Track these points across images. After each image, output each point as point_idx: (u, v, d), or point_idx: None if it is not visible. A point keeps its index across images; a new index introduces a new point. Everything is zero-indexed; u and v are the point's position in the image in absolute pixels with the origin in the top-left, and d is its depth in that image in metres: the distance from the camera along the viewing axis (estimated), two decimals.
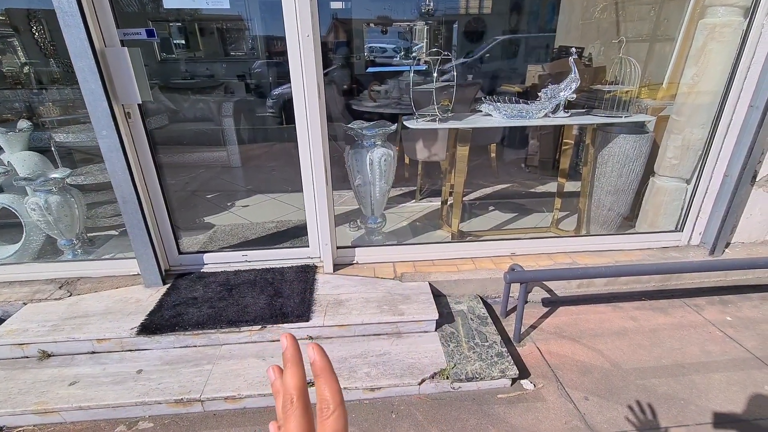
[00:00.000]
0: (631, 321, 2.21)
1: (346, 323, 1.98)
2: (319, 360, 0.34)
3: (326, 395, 0.33)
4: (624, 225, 2.81)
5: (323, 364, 0.34)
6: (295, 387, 0.34)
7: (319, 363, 0.34)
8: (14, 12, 4.24)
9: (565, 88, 2.34)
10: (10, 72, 4.19)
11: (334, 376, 0.34)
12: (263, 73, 5.94)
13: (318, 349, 0.35)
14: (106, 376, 1.80)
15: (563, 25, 4.73)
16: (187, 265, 2.39)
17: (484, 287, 2.35)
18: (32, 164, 2.67)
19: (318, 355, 0.35)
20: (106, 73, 1.86)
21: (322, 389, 0.33)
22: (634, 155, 2.52)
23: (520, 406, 1.71)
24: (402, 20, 6.69)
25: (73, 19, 1.72)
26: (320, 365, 0.34)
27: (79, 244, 2.53)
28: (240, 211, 3.42)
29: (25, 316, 2.06)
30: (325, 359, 0.35)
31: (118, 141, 1.93)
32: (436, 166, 3.69)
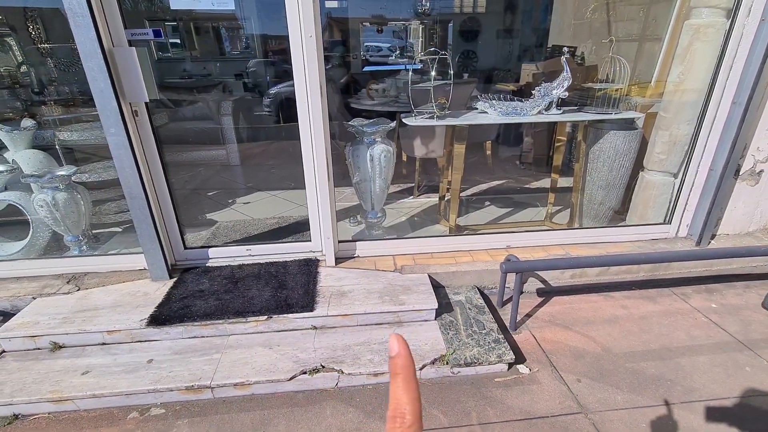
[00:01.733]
0: (621, 309, 2.31)
1: (349, 313, 2.06)
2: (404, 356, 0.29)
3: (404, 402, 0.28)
4: (615, 218, 2.91)
5: (406, 362, 0.29)
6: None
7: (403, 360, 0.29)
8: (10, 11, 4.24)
9: (558, 86, 2.43)
10: (7, 71, 4.21)
11: (415, 380, 0.29)
12: (259, 72, 5.99)
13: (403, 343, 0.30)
14: (117, 366, 1.87)
15: (556, 25, 4.83)
16: (192, 260, 2.46)
17: (481, 278, 2.44)
18: (37, 162, 2.71)
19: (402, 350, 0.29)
20: (114, 72, 1.92)
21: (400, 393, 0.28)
22: (624, 151, 2.62)
23: (517, 388, 1.80)
24: (397, 19, 6.76)
25: (84, 19, 1.77)
26: (403, 362, 0.29)
27: (85, 241, 2.58)
28: (241, 207, 3.48)
29: (35, 309, 2.11)
30: (410, 357, 0.29)
31: (126, 138, 1.99)
32: (433, 162, 3.77)
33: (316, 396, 1.79)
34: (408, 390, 0.28)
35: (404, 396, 0.28)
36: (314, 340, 2.00)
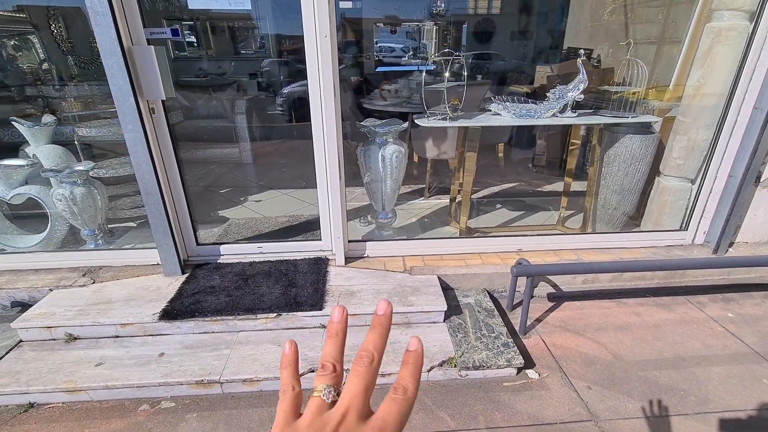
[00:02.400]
0: (634, 316, 2.27)
1: (358, 312, 2.06)
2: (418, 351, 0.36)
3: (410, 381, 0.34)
4: (629, 224, 2.86)
5: (419, 357, 0.36)
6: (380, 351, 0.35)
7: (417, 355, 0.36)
8: (33, 9, 4.35)
9: (573, 89, 2.40)
10: (30, 68, 4.32)
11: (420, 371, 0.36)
12: (273, 72, 6.04)
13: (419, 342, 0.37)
14: (129, 359, 1.90)
15: (572, 27, 4.77)
16: (204, 256, 2.49)
17: (491, 281, 2.42)
18: (56, 157, 2.78)
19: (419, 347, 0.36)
20: (132, 70, 1.95)
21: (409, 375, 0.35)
22: (640, 155, 2.58)
23: (525, 393, 1.78)
24: (411, 20, 6.75)
25: (104, 18, 1.81)
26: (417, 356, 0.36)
27: (100, 235, 2.63)
28: (253, 205, 3.51)
29: (51, 301, 2.16)
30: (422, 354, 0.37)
31: (143, 135, 2.02)
32: (444, 164, 3.76)
33: None
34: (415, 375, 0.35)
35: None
36: (323, 338, 2.00)
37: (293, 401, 0.35)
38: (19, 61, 4.28)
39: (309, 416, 0.33)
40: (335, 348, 0.37)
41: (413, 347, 0.36)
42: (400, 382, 0.34)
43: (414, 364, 0.35)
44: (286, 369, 0.38)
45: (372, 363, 0.35)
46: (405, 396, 0.33)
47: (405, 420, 0.33)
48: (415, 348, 0.36)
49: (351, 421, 0.32)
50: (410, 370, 0.35)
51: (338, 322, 0.38)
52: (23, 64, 4.29)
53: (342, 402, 0.34)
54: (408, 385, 0.34)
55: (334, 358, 0.37)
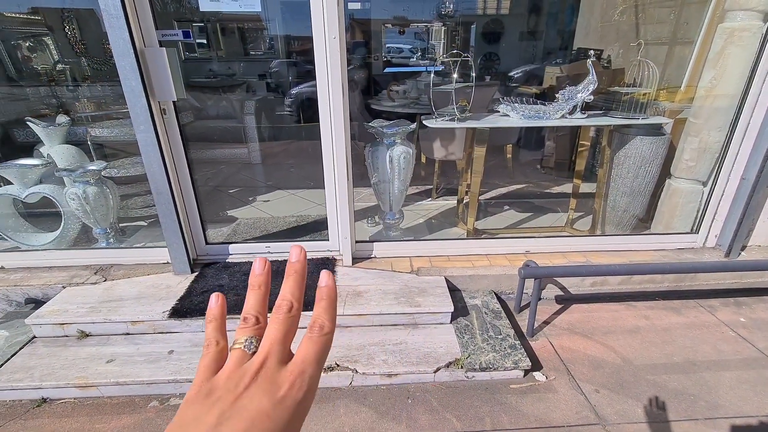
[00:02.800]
0: (644, 319, 2.25)
1: (364, 313, 2.07)
2: (330, 287, 0.36)
3: (325, 318, 0.34)
4: (639, 226, 2.83)
5: (332, 292, 0.36)
6: (298, 298, 0.35)
7: (329, 290, 0.36)
8: (48, 11, 4.44)
9: (583, 90, 2.39)
10: (44, 69, 4.41)
11: (336, 305, 0.36)
12: (282, 73, 6.08)
13: (331, 277, 0.36)
14: (140, 356, 1.93)
15: (582, 27, 4.74)
16: (213, 255, 2.51)
17: (499, 283, 2.41)
18: (69, 157, 2.83)
19: (330, 281, 0.36)
20: (145, 71, 1.98)
21: (323, 311, 0.35)
22: (650, 157, 2.55)
23: (532, 396, 1.77)
24: (419, 21, 6.75)
25: (118, 21, 1.84)
26: (329, 292, 0.36)
27: (112, 233, 2.67)
28: (261, 205, 3.54)
29: (64, 298, 2.20)
30: (334, 288, 0.36)
31: (155, 136, 2.05)
32: (452, 165, 3.75)
33: (330, 394, 1.80)
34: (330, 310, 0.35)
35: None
36: None
37: (216, 356, 0.34)
38: (33, 62, 4.37)
39: (229, 368, 0.33)
40: (257, 300, 0.36)
41: (324, 282, 0.36)
42: (316, 320, 0.34)
43: (327, 300, 0.35)
44: (210, 323, 0.37)
45: (291, 310, 0.35)
46: (321, 333, 0.34)
47: (324, 357, 0.34)
48: (326, 283, 0.36)
49: (271, 366, 0.32)
50: (324, 306, 0.35)
51: (260, 275, 0.37)
52: (38, 65, 4.38)
53: (261, 349, 0.33)
54: (324, 321, 0.34)
55: (257, 311, 0.36)
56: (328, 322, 0.34)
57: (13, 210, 2.67)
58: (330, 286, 0.36)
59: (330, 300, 0.35)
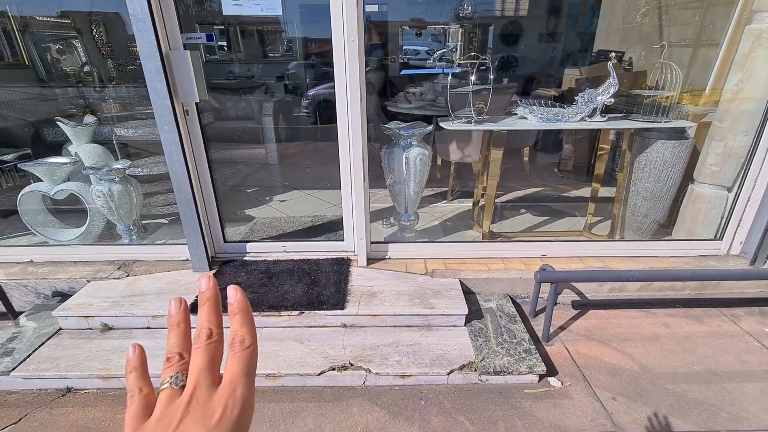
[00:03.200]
0: (663, 327, 2.20)
1: (378, 313, 2.08)
2: (240, 300, 0.35)
3: (243, 331, 0.34)
4: (660, 232, 2.77)
5: (243, 305, 0.35)
6: (216, 324, 0.35)
7: (239, 303, 0.35)
8: (77, 15, 4.60)
9: (603, 93, 2.35)
10: (73, 71, 4.58)
11: (251, 317, 0.35)
12: (299, 74, 6.16)
13: (239, 290, 0.36)
14: (160, 349, 1.96)
15: (603, 29, 4.66)
16: (231, 253, 2.57)
17: (514, 287, 2.39)
18: (96, 155, 2.93)
19: (239, 295, 0.36)
20: (169, 73, 2.04)
21: (239, 326, 0.34)
22: (672, 161, 2.49)
23: (547, 401, 1.75)
24: (436, 23, 6.74)
25: (145, 24, 1.91)
26: (240, 305, 0.35)
27: (135, 230, 2.76)
28: (278, 205, 3.59)
29: (89, 292, 2.28)
30: (244, 300, 0.36)
31: (177, 136, 2.11)
32: (467, 167, 3.74)
33: (343, 393, 1.82)
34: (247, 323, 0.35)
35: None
36: (343, 337, 2.03)
37: (142, 403, 0.33)
38: (62, 64, 4.54)
39: (159, 410, 0.32)
40: (178, 338, 0.36)
41: (232, 298, 0.36)
42: (235, 336, 0.34)
43: (241, 313, 0.35)
44: (131, 374, 0.36)
45: (211, 336, 0.34)
46: (243, 347, 0.33)
47: (252, 370, 0.33)
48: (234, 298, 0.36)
49: (201, 395, 0.32)
50: (239, 321, 0.35)
51: (177, 314, 0.37)
52: (66, 66, 4.55)
53: (189, 381, 0.33)
54: (243, 335, 0.34)
55: (180, 348, 0.36)
56: (248, 335, 0.34)
57: (43, 206, 2.78)
58: (239, 299, 0.36)
59: (243, 312, 0.35)
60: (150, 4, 1.88)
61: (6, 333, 2.12)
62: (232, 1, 2.02)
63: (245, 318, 0.35)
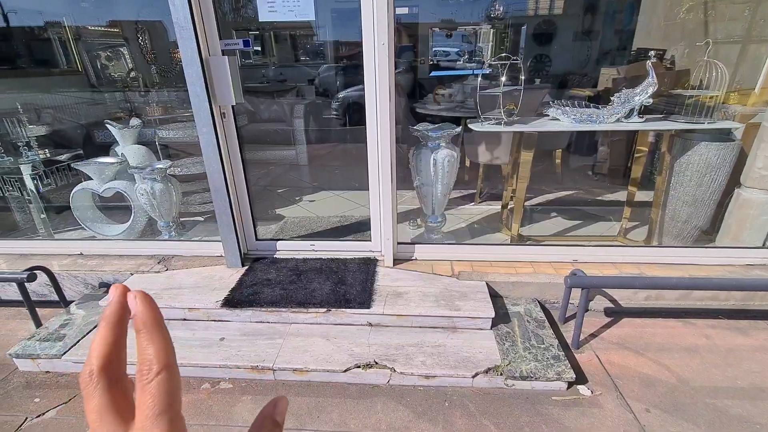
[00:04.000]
0: (704, 339, 2.09)
1: (404, 313, 2.09)
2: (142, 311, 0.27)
3: (149, 354, 0.26)
4: (701, 239, 2.63)
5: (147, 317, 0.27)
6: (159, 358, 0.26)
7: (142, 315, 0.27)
8: (126, 24, 4.90)
9: (641, 93, 2.27)
10: (119, 76, 4.87)
11: (161, 331, 0.27)
12: (329, 77, 6.27)
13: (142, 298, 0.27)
14: (195, 340, 2.08)
15: (643, 27, 4.48)
16: (262, 251, 2.65)
17: (543, 291, 2.34)
18: (140, 156, 3.11)
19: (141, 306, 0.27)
20: (208, 78, 2.15)
21: (144, 347, 0.26)
22: (717, 164, 2.37)
23: (576, 410, 1.71)
24: (467, 23, 6.68)
25: (187, 32, 2.02)
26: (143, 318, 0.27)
27: (174, 227, 2.90)
28: (307, 205, 3.68)
29: (132, 284, 2.42)
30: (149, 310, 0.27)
31: (215, 137, 2.21)
32: (496, 169, 3.69)
33: (368, 390, 1.84)
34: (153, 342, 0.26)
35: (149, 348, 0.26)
36: (369, 336, 2.06)
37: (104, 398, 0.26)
38: (111, 71, 4.85)
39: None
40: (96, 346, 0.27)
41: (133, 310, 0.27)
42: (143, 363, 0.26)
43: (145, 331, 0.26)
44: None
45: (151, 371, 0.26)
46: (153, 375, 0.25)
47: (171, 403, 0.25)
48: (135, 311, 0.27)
49: None
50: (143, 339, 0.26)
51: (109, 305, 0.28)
52: (114, 72, 4.86)
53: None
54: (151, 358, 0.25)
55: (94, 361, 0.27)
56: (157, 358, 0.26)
57: (92, 203, 2.98)
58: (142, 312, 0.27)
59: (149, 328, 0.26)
60: (192, 13, 1.98)
61: (59, 320, 2.29)
62: (268, 8, 2.10)
63: (153, 335, 0.26)
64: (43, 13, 4.32)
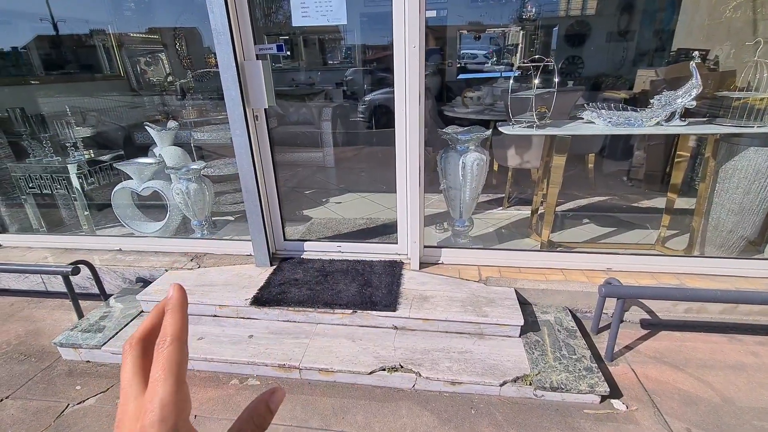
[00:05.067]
0: (751, 356, 1.96)
1: (430, 318, 2.07)
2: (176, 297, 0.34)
3: (166, 328, 0.32)
4: (748, 249, 2.47)
5: (176, 301, 0.34)
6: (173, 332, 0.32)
7: (174, 299, 0.34)
8: (164, 30, 5.12)
9: (684, 95, 2.17)
10: (158, 81, 5.09)
11: (182, 313, 0.33)
12: (357, 80, 6.32)
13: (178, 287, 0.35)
14: (225, 336, 2.13)
15: (684, 26, 4.28)
16: (290, 251, 2.70)
17: (574, 300, 2.26)
18: (176, 157, 3.23)
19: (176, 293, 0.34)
20: (243, 82, 2.21)
21: (166, 324, 0.33)
22: (766, 171, 2.22)
23: (609, 425, 1.64)
24: (496, 26, 6.60)
25: (224, 37, 2.08)
26: (174, 301, 0.34)
27: (206, 225, 3.00)
28: (333, 207, 3.72)
29: (167, 280, 2.52)
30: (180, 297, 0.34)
31: (248, 139, 2.27)
32: (525, 173, 3.61)
33: (392, 394, 1.83)
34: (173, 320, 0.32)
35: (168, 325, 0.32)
36: (394, 339, 2.05)
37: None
38: (150, 75, 5.08)
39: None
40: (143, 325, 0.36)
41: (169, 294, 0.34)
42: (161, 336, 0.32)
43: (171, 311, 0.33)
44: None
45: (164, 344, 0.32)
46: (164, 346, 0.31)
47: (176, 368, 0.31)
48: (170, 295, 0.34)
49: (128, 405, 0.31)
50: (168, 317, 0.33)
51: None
52: (153, 77, 5.08)
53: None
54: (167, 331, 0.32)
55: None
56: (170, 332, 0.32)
57: (131, 201, 3.12)
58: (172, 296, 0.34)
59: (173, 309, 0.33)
60: (230, 19, 2.05)
61: (99, 312, 2.40)
62: (301, 13, 2.14)
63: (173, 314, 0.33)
64: (89, 21, 4.57)
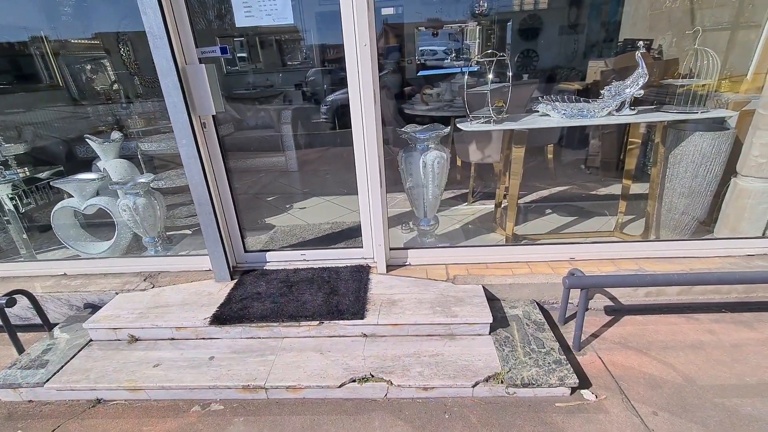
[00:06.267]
0: (708, 334, 2.03)
1: (399, 323, 2.02)
2: None
3: None
4: (700, 230, 2.58)
5: None
6: None
7: None
8: (106, 36, 4.79)
9: (632, 85, 2.22)
10: (102, 89, 4.77)
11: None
12: (317, 81, 6.19)
13: None
14: (183, 361, 2.00)
15: (629, 17, 4.45)
16: (251, 263, 2.58)
17: (541, 292, 2.28)
18: (122, 170, 3.02)
19: None
20: (186, 87, 2.07)
21: None
22: (712, 154, 2.32)
23: (580, 416, 1.65)
24: (453, 22, 6.64)
25: (161, 41, 1.94)
26: None
27: (159, 242, 2.82)
28: (298, 212, 3.60)
29: (117, 304, 2.34)
30: None
31: (195, 149, 2.14)
32: (488, 167, 3.63)
33: (365, 405, 1.77)
34: None
35: None
36: (364, 348, 1.99)
37: None
38: (94, 83, 4.75)
39: None
40: None
41: None
42: None
43: None
44: None
45: None
46: None
47: None
48: None
49: None
50: None
51: None
52: (97, 85, 4.75)
53: None
54: None
55: None
56: None
57: (74, 220, 2.89)
58: None
59: None
60: (165, 21, 1.91)
61: (41, 345, 2.20)
62: (245, 13, 2.03)
63: None
64: (24, 28, 4.21)
